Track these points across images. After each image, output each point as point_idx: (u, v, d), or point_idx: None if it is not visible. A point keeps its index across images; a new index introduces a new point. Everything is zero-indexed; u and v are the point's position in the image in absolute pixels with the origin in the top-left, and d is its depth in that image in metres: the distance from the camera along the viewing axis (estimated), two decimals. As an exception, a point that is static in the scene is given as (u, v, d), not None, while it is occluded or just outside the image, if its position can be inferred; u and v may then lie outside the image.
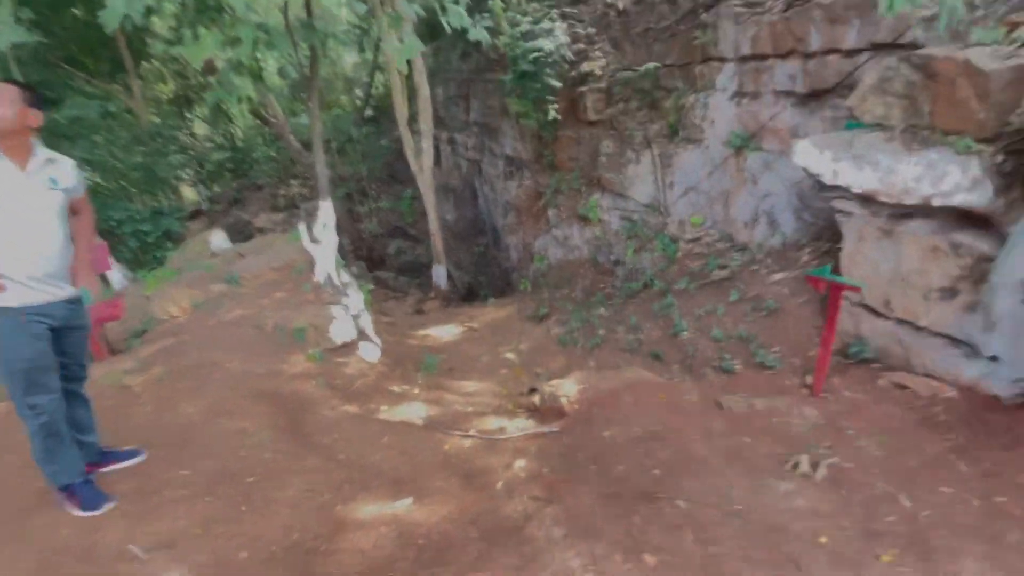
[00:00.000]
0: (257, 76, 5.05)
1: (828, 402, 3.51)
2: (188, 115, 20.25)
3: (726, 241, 5.89)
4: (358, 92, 21.48)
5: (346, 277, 5.95)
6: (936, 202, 3.40)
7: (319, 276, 5.45)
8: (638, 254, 6.85)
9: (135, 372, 3.50)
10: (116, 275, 8.97)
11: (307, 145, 15.55)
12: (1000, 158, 3.24)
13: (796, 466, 2.84)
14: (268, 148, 18.31)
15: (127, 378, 3.42)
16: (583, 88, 9.03)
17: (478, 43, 12.83)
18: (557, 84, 9.10)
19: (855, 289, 3.48)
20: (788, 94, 5.27)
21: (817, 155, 3.96)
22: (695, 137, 6.43)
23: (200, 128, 21.72)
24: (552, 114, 9.11)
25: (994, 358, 3.24)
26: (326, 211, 5.37)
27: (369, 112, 20.04)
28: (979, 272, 3.32)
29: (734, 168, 5.91)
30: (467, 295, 13.29)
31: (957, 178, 3.27)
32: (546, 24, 9.45)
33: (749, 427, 3.26)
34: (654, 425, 3.29)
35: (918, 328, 3.66)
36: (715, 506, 2.49)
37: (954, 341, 3.49)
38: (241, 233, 16.31)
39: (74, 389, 2.48)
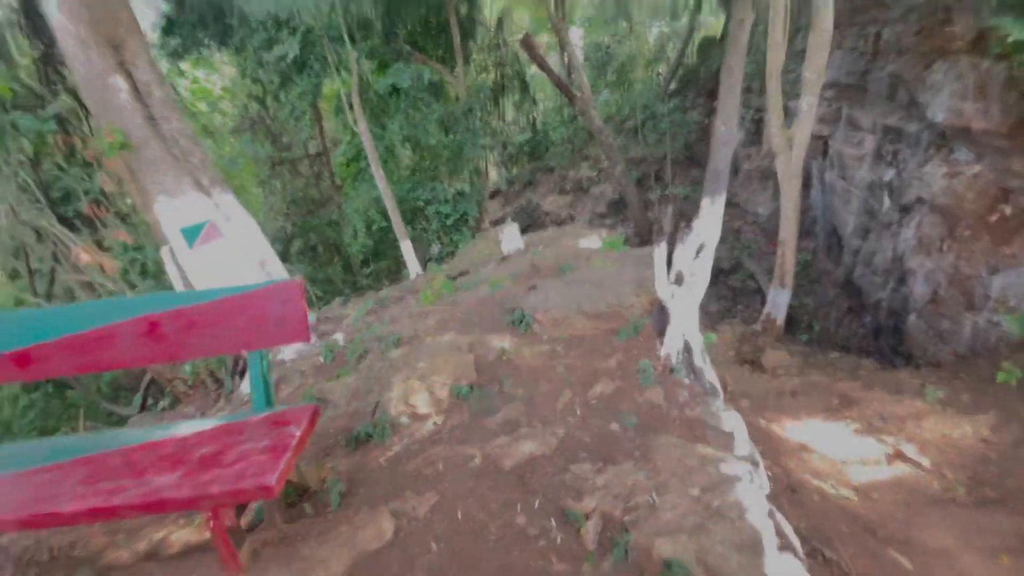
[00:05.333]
0: None
1: None
2: (502, 100, 20.35)
3: None
4: (659, 69, 18.17)
5: (698, 341, 2.89)
6: None
7: (668, 347, 2.55)
8: None
9: None
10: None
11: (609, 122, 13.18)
12: None
13: None
14: (565, 128, 16.70)
15: None
16: None
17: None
18: None
19: None
20: None
21: None
22: None
23: (510, 115, 21.82)
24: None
25: None
26: (709, 218, 2.39)
27: (673, 85, 16.52)
28: None
29: None
30: (785, 322, 8.92)
31: None
32: None
33: None
34: None
35: None
36: None
37: None
38: (530, 216, 15.11)
39: None
